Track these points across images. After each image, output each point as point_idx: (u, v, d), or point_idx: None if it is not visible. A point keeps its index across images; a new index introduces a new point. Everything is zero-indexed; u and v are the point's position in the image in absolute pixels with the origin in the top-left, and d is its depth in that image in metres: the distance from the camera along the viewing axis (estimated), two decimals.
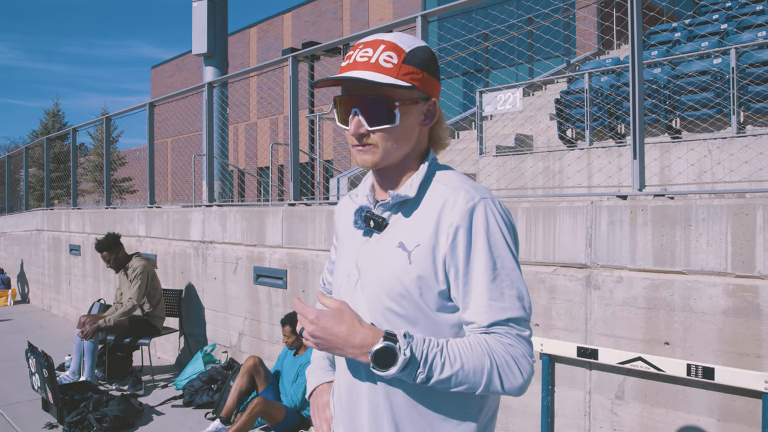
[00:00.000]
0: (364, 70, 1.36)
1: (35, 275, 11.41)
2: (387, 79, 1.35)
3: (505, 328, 1.33)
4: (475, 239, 1.35)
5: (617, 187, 5.80)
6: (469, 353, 1.29)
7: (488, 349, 1.30)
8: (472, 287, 1.34)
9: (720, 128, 6.68)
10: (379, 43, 1.39)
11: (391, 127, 1.39)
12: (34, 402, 5.38)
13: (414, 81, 1.39)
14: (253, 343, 5.76)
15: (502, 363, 1.30)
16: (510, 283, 1.35)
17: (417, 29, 4.50)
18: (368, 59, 1.37)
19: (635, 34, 3.42)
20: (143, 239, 7.59)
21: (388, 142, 1.40)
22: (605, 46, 11.91)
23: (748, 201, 2.85)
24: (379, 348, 1.27)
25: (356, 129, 1.39)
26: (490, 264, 1.34)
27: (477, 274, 1.34)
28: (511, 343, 1.32)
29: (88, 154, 22.63)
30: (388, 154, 1.42)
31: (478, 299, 1.34)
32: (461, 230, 1.35)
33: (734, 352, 2.82)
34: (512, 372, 1.31)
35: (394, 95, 1.38)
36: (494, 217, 1.37)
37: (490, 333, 1.33)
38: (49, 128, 30.46)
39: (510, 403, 3.67)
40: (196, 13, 9.83)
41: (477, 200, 1.36)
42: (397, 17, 16.76)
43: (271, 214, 5.57)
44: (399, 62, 1.37)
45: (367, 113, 1.38)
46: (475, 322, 1.35)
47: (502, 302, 1.33)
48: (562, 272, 3.44)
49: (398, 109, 1.38)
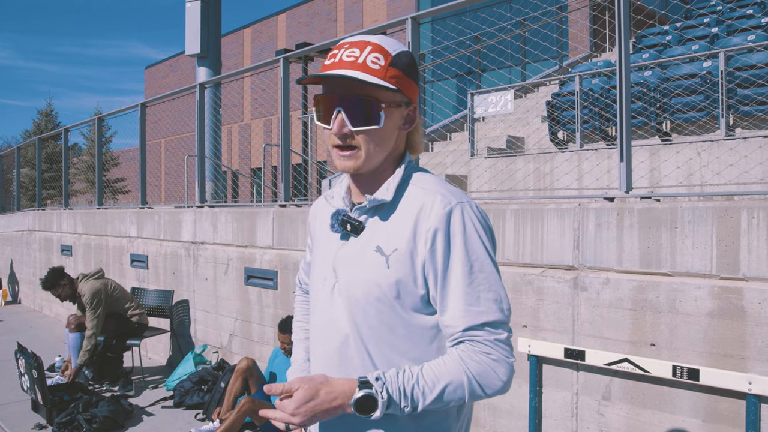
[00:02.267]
0: (352, 70, 1.36)
1: (26, 275, 11.36)
2: (377, 80, 1.35)
3: (481, 333, 1.35)
4: (453, 243, 1.36)
5: (606, 189, 5.83)
6: (445, 373, 1.32)
7: (462, 364, 1.33)
8: (450, 291, 1.36)
9: (709, 131, 6.73)
10: (366, 44, 1.39)
11: (374, 129, 1.38)
12: (23, 403, 5.36)
13: (399, 84, 1.39)
14: (243, 344, 5.76)
15: (479, 372, 1.33)
16: (487, 286, 1.36)
17: (407, 31, 4.51)
18: (355, 59, 1.37)
19: (623, 38, 3.44)
20: (134, 240, 7.57)
21: (370, 144, 1.39)
22: (597, 49, 11.97)
23: (733, 203, 2.88)
24: (358, 398, 1.29)
25: (339, 128, 1.38)
26: (467, 267, 1.36)
27: (454, 279, 1.35)
28: (486, 350, 1.34)
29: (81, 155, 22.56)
30: (370, 158, 1.41)
31: (455, 304, 1.35)
32: (439, 234, 1.36)
33: (719, 353, 2.84)
34: (490, 378, 1.34)
35: (380, 97, 1.38)
36: (471, 221, 1.38)
37: (465, 340, 1.35)
38: (41, 128, 30.32)
39: (498, 405, 3.69)
40: (189, 14, 9.81)
41: (454, 204, 1.37)
42: (392, 19, 16.79)
43: (262, 215, 5.57)
44: (386, 65, 1.37)
45: (351, 113, 1.37)
46: (452, 326, 1.36)
47: (478, 306, 1.35)
48: (549, 274, 3.46)
49: (383, 111, 1.38)
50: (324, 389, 1.32)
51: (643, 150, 6.20)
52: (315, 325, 1.55)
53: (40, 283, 5.94)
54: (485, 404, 3.75)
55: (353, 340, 1.43)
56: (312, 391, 1.31)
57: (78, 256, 9.02)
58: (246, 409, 4.22)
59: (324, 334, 1.49)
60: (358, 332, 1.42)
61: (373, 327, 1.40)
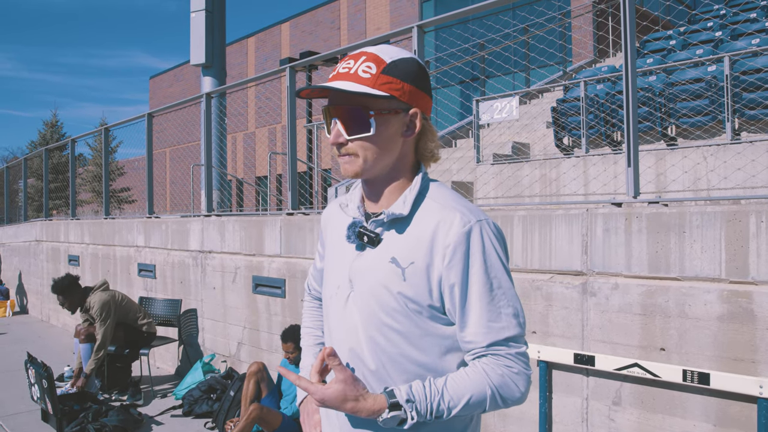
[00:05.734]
0: (343, 81, 1.39)
1: (34, 286, 11.40)
2: (359, 88, 1.37)
3: (503, 349, 1.39)
4: (473, 261, 1.38)
5: (613, 194, 5.83)
6: (469, 386, 1.37)
7: (486, 377, 1.37)
8: (471, 308, 1.39)
9: (715, 135, 6.73)
10: (361, 55, 1.42)
11: (368, 136, 1.40)
12: (33, 413, 5.38)
13: (393, 91, 1.40)
14: (252, 352, 5.77)
15: (501, 385, 1.38)
16: (506, 301, 1.40)
17: (413, 39, 4.54)
18: (348, 70, 1.40)
19: (628, 43, 3.46)
20: (142, 249, 7.60)
21: (367, 151, 1.42)
22: (601, 54, 11.99)
23: (741, 207, 2.88)
24: (387, 418, 1.34)
25: (335, 138, 1.43)
26: (488, 285, 1.39)
27: (475, 296, 1.38)
28: (508, 364, 1.39)
29: (87, 165, 22.66)
30: (369, 165, 1.44)
31: (477, 320, 1.38)
32: (458, 252, 1.38)
33: (729, 357, 2.84)
34: (510, 390, 1.39)
35: (369, 104, 1.40)
36: (489, 239, 1.40)
37: (488, 354, 1.39)
38: (47, 139, 30.46)
39: (508, 411, 3.69)
40: (194, 24, 9.88)
41: (473, 222, 1.39)
42: (395, 27, 16.85)
43: (270, 224, 5.59)
44: (377, 72, 1.39)
45: (345, 122, 1.42)
46: (473, 342, 1.39)
47: (500, 322, 1.39)
48: (558, 279, 3.46)
49: (373, 118, 1.40)
50: (351, 405, 1.35)
51: (650, 155, 6.20)
52: (330, 332, 1.57)
53: (51, 286, 5.94)
54: (496, 411, 3.74)
55: (368, 349, 1.45)
56: (341, 397, 1.35)
57: (86, 266, 9.05)
58: (255, 416, 4.23)
59: (339, 342, 1.51)
60: (374, 341, 1.44)
61: (388, 336, 1.43)
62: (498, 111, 5.66)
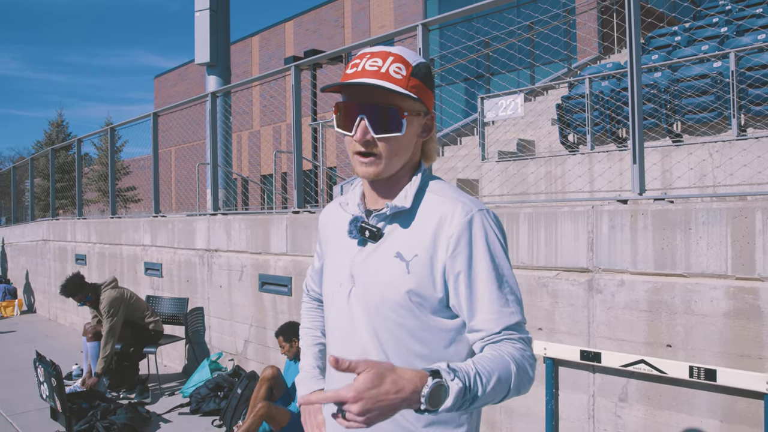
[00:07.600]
0: (377, 79, 1.39)
1: (41, 285, 11.46)
2: (401, 89, 1.39)
3: (515, 333, 1.39)
4: (476, 250, 1.40)
5: (618, 191, 5.83)
6: (495, 364, 1.28)
7: (510, 356, 1.32)
8: (479, 296, 1.40)
9: (721, 131, 6.71)
10: (388, 55, 1.43)
11: (395, 136, 1.42)
12: (42, 411, 5.42)
13: (419, 94, 1.43)
14: (259, 350, 5.79)
15: (521, 366, 1.33)
16: (510, 289, 1.42)
17: (418, 37, 4.55)
18: (378, 68, 1.41)
19: (633, 40, 3.46)
20: (148, 248, 7.64)
21: (391, 151, 1.43)
22: (606, 51, 11.96)
23: (747, 204, 2.88)
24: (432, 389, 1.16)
25: (362, 135, 1.41)
26: (494, 273, 1.40)
27: (482, 283, 1.40)
28: (523, 347, 1.38)
29: (93, 164, 22.73)
30: (390, 165, 1.45)
31: (488, 307, 1.39)
32: (462, 241, 1.40)
33: (736, 353, 2.84)
34: (527, 374, 1.36)
35: (403, 105, 1.42)
36: (491, 227, 1.43)
37: (503, 339, 1.37)
38: (53, 138, 30.60)
39: (514, 407, 3.70)
40: (198, 23, 9.91)
41: (475, 212, 1.42)
42: (398, 25, 16.83)
43: (276, 222, 5.61)
44: (408, 74, 1.41)
45: (373, 120, 1.41)
46: (484, 329, 1.39)
47: (509, 307, 1.40)
48: (564, 276, 3.47)
49: (405, 119, 1.42)
50: (390, 377, 1.15)
51: (655, 152, 6.19)
52: (332, 328, 1.58)
53: (60, 289, 5.96)
54: (501, 407, 3.76)
55: (372, 344, 1.46)
56: (377, 377, 1.14)
57: (92, 265, 9.10)
58: (262, 413, 4.23)
59: (342, 338, 1.53)
60: (377, 336, 1.45)
61: (392, 330, 1.44)
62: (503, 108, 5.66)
